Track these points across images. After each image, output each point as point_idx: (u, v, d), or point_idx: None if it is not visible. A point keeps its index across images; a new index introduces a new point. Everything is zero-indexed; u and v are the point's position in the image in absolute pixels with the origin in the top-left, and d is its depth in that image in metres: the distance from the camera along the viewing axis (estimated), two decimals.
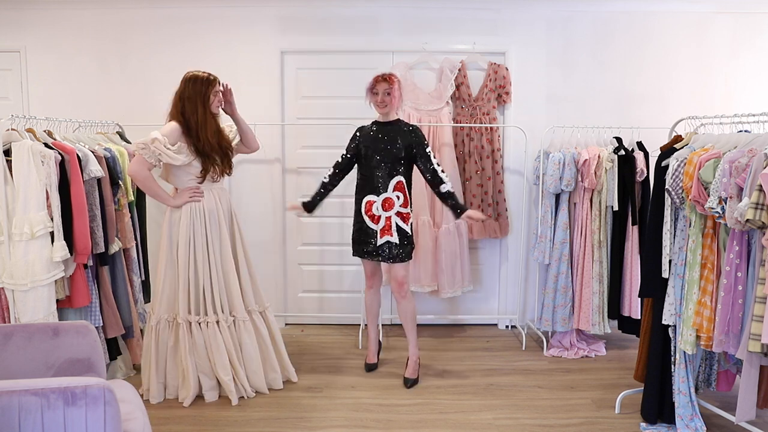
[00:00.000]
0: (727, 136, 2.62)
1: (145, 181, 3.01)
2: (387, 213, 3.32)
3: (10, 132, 2.83)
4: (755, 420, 2.60)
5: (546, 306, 3.97)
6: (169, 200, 3.09)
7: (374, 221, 3.35)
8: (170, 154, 2.95)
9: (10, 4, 4.18)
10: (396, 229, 3.32)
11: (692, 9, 4.27)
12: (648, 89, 4.31)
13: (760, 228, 2.26)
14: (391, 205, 3.32)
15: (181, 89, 3.07)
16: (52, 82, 4.26)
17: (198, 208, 3.10)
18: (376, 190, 3.32)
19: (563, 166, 3.77)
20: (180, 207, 3.09)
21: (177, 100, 3.07)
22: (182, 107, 3.03)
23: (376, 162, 3.30)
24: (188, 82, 3.05)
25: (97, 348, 2.29)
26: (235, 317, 3.18)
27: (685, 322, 2.63)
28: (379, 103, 3.28)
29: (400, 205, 3.32)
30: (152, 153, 2.94)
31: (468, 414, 3.06)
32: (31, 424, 1.58)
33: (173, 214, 3.11)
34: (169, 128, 3.00)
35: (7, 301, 2.80)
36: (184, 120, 3.02)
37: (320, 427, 2.91)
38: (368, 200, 3.35)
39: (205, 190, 3.12)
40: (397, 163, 3.30)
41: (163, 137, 2.95)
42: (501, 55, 4.29)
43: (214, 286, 3.11)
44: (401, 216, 3.33)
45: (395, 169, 3.30)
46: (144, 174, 2.99)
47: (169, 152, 2.95)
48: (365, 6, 4.23)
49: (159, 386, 3.15)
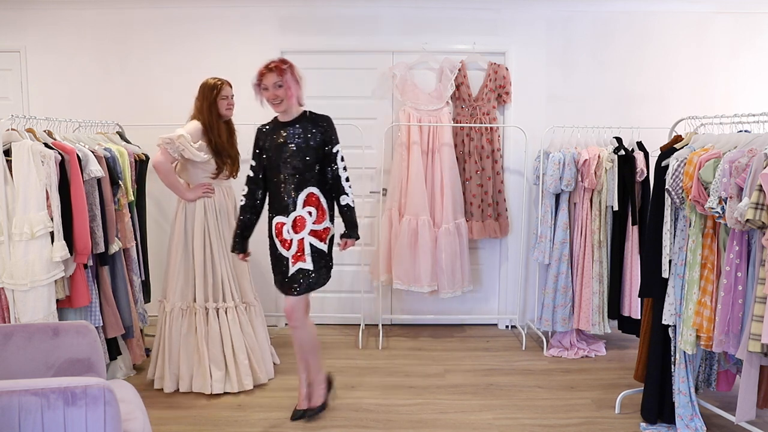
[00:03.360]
0: (727, 136, 2.62)
1: (167, 172, 3.17)
2: (299, 236, 2.77)
3: (10, 132, 2.83)
4: (755, 420, 2.59)
5: (546, 306, 3.97)
6: (185, 194, 3.26)
7: (285, 246, 2.79)
8: (193, 151, 3.16)
9: (10, 4, 4.18)
10: (310, 252, 2.77)
11: (692, 9, 4.27)
12: (648, 89, 4.31)
13: (760, 228, 2.26)
14: (302, 225, 2.77)
15: (197, 93, 3.31)
16: (52, 82, 4.26)
17: (210, 202, 3.28)
18: (285, 210, 2.78)
19: (563, 166, 3.77)
20: (194, 201, 3.26)
21: (196, 103, 3.31)
22: (200, 110, 3.28)
23: (281, 174, 2.76)
24: (201, 87, 3.30)
25: (97, 348, 2.29)
26: (247, 303, 3.41)
27: (685, 322, 2.63)
28: (272, 99, 2.73)
29: (313, 223, 2.77)
30: (176, 148, 3.13)
31: (468, 414, 3.06)
32: (31, 424, 1.58)
33: (188, 208, 3.28)
34: (192, 127, 3.22)
35: (7, 301, 2.80)
36: (201, 120, 3.25)
37: (320, 427, 2.91)
38: (277, 222, 2.82)
39: (215, 186, 3.32)
40: (308, 170, 2.75)
41: (187, 134, 3.15)
42: (501, 55, 4.29)
43: (229, 274, 3.31)
44: (316, 235, 2.78)
45: (305, 179, 2.75)
46: (167, 166, 3.16)
47: (192, 149, 3.15)
48: (365, 6, 4.23)
49: (172, 376, 3.27)
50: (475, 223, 4.22)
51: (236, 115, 3.44)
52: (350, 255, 4.39)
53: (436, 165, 4.13)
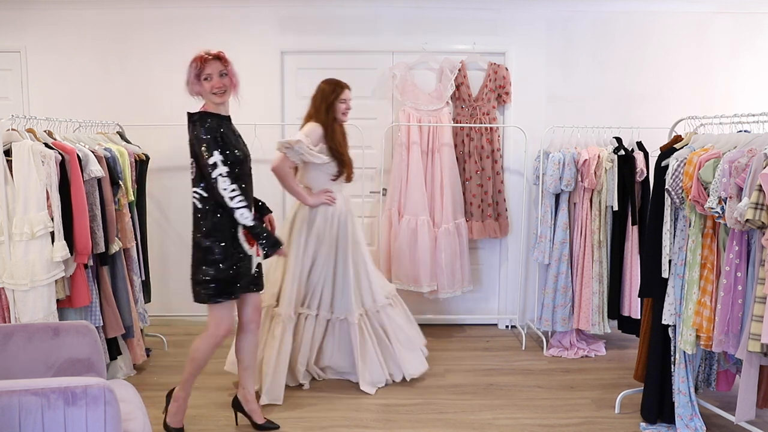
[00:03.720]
0: (727, 136, 2.62)
1: (285, 177, 3.13)
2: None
3: (11, 132, 2.83)
4: (755, 420, 2.59)
5: (546, 306, 3.97)
6: (306, 199, 3.20)
7: (250, 245, 2.65)
8: (313, 153, 3.11)
9: (10, 4, 4.18)
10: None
11: (692, 9, 4.27)
12: (648, 89, 4.31)
13: (759, 228, 2.26)
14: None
15: (314, 93, 3.25)
16: (52, 82, 4.26)
17: (332, 209, 3.23)
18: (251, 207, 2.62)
19: (563, 166, 3.77)
20: (316, 207, 3.21)
21: (312, 103, 3.24)
22: (317, 111, 3.21)
23: (249, 169, 2.67)
24: (321, 88, 3.24)
25: (97, 348, 2.29)
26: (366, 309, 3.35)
27: (685, 322, 2.63)
28: (217, 88, 2.52)
29: None
30: (296, 153, 3.08)
31: (468, 414, 3.06)
32: (31, 424, 1.59)
33: (310, 213, 3.23)
34: (311, 129, 3.15)
35: (7, 301, 2.80)
36: (320, 122, 3.18)
37: (320, 427, 2.91)
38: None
39: (335, 192, 3.26)
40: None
41: (306, 138, 3.09)
42: (501, 55, 4.29)
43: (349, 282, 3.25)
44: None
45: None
46: (285, 171, 3.12)
47: (312, 152, 3.11)
48: (365, 6, 4.23)
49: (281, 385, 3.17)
50: (475, 223, 4.22)
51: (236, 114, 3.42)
52: None
53: (436, 165, 4.13)
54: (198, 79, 2.53)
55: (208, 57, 2.52)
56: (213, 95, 2.53)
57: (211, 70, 2.52)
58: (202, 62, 2.51)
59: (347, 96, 3.24)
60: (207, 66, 2.52)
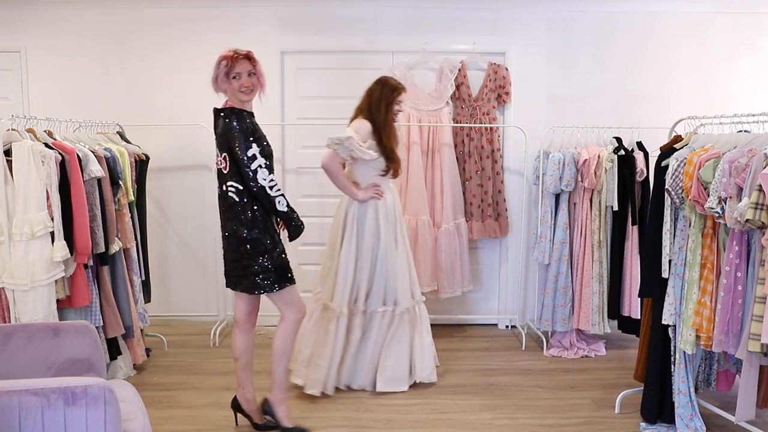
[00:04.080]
0: (727, 136, 2.62)
1: (335, 173, 3.16)
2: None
3: (11, 132, 2.83)
4: (755, 420, 2.59)
5: (546, 306, 3.97)
6: (356, 194, 3.22)
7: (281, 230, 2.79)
8: (363, 150, 3.13)
9: (10, 4, 4.18)
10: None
11: (692, 9, 4.27)
12: (648, 89, 4.31)
13: (759, 228, 2.26)
14: None
15: (370, 89, 3.27)
16: (52, 82, 4.26)
17: (381, 204, 3.25)
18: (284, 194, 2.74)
19: (563, 166, 3.77)
20: (366, 201, 3.23)
21: (367, 98, 3.26)
22: (370, 106, 3.22)
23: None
24: (377, 84, 3.26)
25: (97, 348, 2.29)
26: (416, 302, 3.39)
27: (685, 322, 2.63)
28: (245, 87, 2.58)
29: None
30: (345, 149, 3.11)
31: (468, 414, 3.06)
32: (31, 424, 1.59)
33: (360, 209, 3.25)
34: (361, 126, 3.19)
35: (7, 301, 2.80)
36: (371, 118, 3.21)
37: (320, 427, 2.91)
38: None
39: (383, 187, 3.27)
40: None
41: (356, 135, 3.12)
42: (501, 55, 4.29)
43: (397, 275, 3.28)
44: None
45: None
46: (335, 167, 3.14)
47: (362, 148, 3.13)
48: (365, 6, 4.23)
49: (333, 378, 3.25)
50: (475, 223, 4.22)
51: None
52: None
53: (436, 165, 4.13)
54: (227, 77, 2.57)
55: (238, 56, 2.56)
56: (241, 93, 2.58)
57: (241, 69, 2.57)
58: (232, 61, 2.55)
59: (403, 98, 3.31)
60: (237, 65, 2.56)
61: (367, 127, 3.19)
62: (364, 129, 3.18)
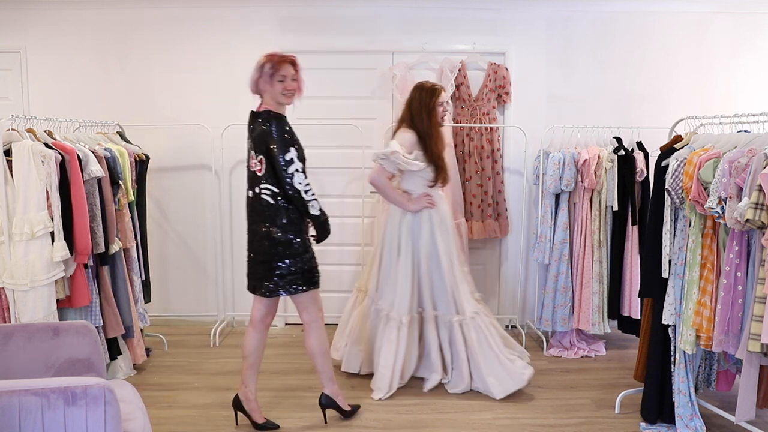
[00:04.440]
0: (727, 136, 2.62)
1: (384, 188, 3.18)
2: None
3: (11, 132, 2.83)
4: (755, 420, 2.59)
5: (546, 306, 3.97)
6: (407, 205, 3.22)
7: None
8: (409, 162, 3.11)
9: (10, 4, 4.18)
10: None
11: (692, 9, 4.27)
12: (648, 89, 4.31)
13: (759, 228, 2.26)
14: None
15: (410, 98, 3.24)
16: (52, 82, 4.27)
17: (434, 213, 3.23)
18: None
19: (563, 166, 3.77)
20: (418, 212, 3.22)
21: (407, 108, 3.23)
22: (411, 116, 3.20)
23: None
24: (415, 91, 3.23)
25: (97, 348, 2.29)
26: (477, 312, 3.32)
27: (685, 322, 2.63)
28: (288, 91, 2.67)
29: None
30: (392, 163, 3.10)
31: (468, 414, 3.06)
32: (31, 424, 1.59)
33: (413, 219, 3.23)
34: (405, 137, 3.16)
35: (7, 301, 2.80)
36: (415, 128, 3.18)
37: (320, 427, 2.91)
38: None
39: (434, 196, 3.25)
40: None
41: (400, 147, 3.10)
42: (501, 55, 4.29)
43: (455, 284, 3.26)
44: None
45: None
46: (383, 182, 3.16)
47: (408, 160, 3.10)
48: (365, 6, 4.23)
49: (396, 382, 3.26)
50: (475, 223, 4.22)
51: (237, 115, 3.42)
52: (350, 255, 4.40)
53: None
54: (271, 79, 2.62)
55: (284, 59, 2.63)
56: (283, 96, 2.65)
57: (286, 73, 2.64)
58: (278, 63, 2.61)
59: (444, 98, 3.26)
60: (282, 68, 2.62)
61: (411, 137, 3.16)
62: (408, 140, 3.15)
